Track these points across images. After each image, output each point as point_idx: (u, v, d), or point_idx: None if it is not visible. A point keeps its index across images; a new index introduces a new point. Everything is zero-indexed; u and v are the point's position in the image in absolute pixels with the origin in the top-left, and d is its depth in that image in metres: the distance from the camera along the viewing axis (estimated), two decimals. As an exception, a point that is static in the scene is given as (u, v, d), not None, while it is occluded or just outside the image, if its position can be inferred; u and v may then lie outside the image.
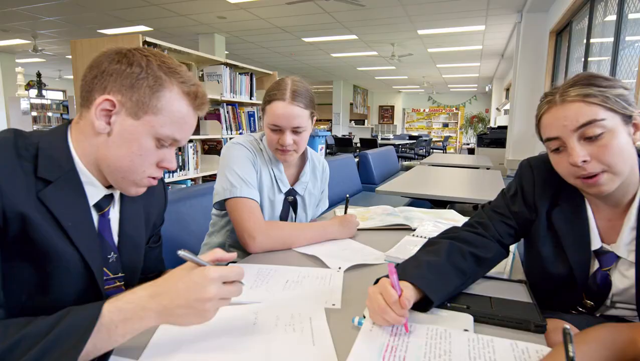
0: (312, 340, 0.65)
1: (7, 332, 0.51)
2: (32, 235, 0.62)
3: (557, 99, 0.79)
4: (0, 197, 0.58)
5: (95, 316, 0.54)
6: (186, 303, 0.58)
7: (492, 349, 0.61)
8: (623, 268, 0.85)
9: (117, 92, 0.66)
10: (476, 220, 0.96)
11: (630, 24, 2.94)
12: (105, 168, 0.70)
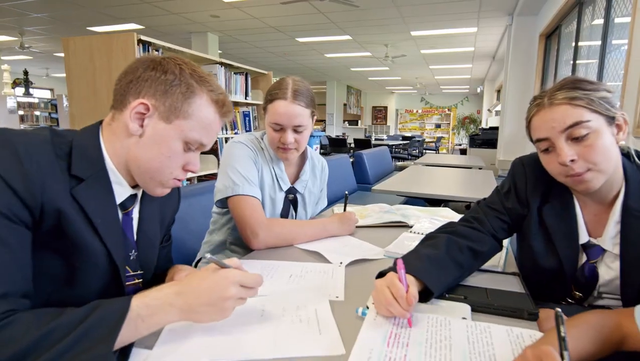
0: (319, 329, 0.69)
1: (42, 321, 0.54)
2: (66, 230, 0.65)
3: (546, 102, 0.83)
4: (42, 193, 0.61)
5: (125, 310, 0.57)
6: (208, 301, 0.63)
7: (489, 335, 0.64)
8: (609, 260, 0.90)
9: (152, 96, 0.70)
10: (472, 215, 1.01)
11: (616, 27, 3.02)
12: (135, 168, 0.73)
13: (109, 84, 2.69)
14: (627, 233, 0.86)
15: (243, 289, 0.66)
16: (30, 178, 0.60)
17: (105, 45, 2.65)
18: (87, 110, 2.77)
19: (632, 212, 0.85)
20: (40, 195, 0.61)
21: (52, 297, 0.65)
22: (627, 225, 0.86)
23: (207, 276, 0.66)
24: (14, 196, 0.59)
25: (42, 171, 0.62)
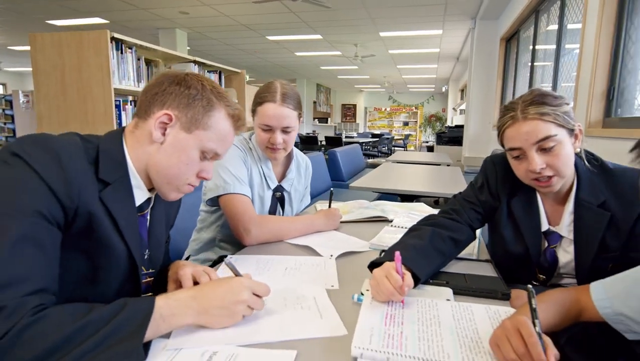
0: (320, 315, 0.76)
1: (74, 316, 0.57)
2: (94, 231, 0.69)
3: (519, 116, 0.94)
4: (78, 197, 0.66)
5: (151, 310, 0.61)
6: (222, 304, 0.68)
7: (471, 312, 0.74)
8: (565, 245, 1.03)
9: (175, 108, 0.76)
10: (450, 207, 1.11)
11: (569, 33, 3.25)
12: (155, 173, 0.78)
13: (79, 82, 2.62)
14: (579, 221, 1.00)
15: (254, 297, 0.72)
16: (70, 182, 0.64)
17: (76, 42, 2.58)
18: (55, 108, 2.69)
19: (583, 203, 0.99)
20: (77, 198, 0.65)
21: (74, 294, 0.69)
22: (578, 214, 1.00)
23: (222, 282, 0.72)
24: (54, 198, 0.63)
25: (79, 176, 0.66)
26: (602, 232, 0.97)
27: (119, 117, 2.70)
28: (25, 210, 0.60)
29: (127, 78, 2.82)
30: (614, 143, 1.89)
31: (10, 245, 0.57)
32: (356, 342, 0.62)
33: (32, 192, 0.62)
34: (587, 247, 0.99)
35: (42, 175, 0.62)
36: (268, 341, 0.66)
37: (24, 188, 0.61)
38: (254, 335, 0.67)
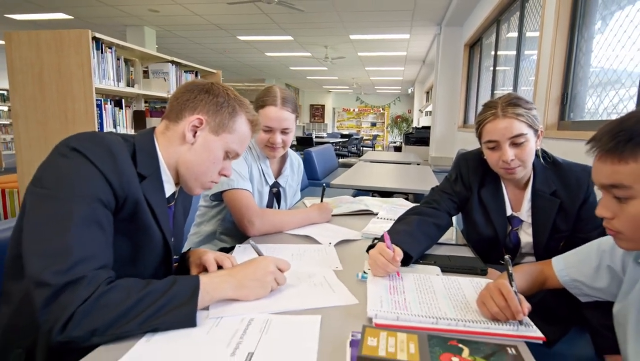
0: (332, 289, 0.88)
1: (138, 287, 0.67)
2: (138, 217, 0.78)
3: (500, 113, 1.12)
4: (128, 187, 0.75)
5: (198, 284, 0.71)
6: (254, 277, 0.79)
7: (458, 283, 0.89)
8: (525, 228, 1.24)
9: (205, 113, 0.86)
10: (431, 198, 1.28)
11: (528, 40, 3.55)
12: (185, 170, 0.88)
13: (59, 82, 2.60)
14: (535, 207, 1.21)
15: (278, 271, 0.83)
16: (121, 174, 0.73)
17: (55, 42, 2.56)
18: (33, 108, 2.64)
19: (538, 192, 1.20)
20: (127, 188, 0.74)
21: (117, 273, 0.78)
22: (535, 201, 1.21)
23: (251, 261, 0.83)
24: (108, 187, 0.72)
25: (127, 168, 0.75)
26: (553, 216, 1.18)
27: (100, 117, 2.70)
28: (87, 197, 0.69)
29: (107, 77, 2.81)
30: (567, 143, 2.13)
31: (82, 225, 0.66)
32: (370, 306, 0.75)
33: (91, 181, 0.71)
34: (542, 228, 1.20)
35: (99, 166, 0.71)
36: (294, 309, 0.77)
37: (84, 178, 0.70)
38: (282, 305, 0.79)
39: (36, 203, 0.69)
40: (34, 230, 0.67)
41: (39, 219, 0.67)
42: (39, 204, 0.69)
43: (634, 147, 0.63)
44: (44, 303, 0.62)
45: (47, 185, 0.70)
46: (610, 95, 2.14)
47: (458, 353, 0.60)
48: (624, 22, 2.03)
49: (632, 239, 0.68)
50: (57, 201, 0.68)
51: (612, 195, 0.68)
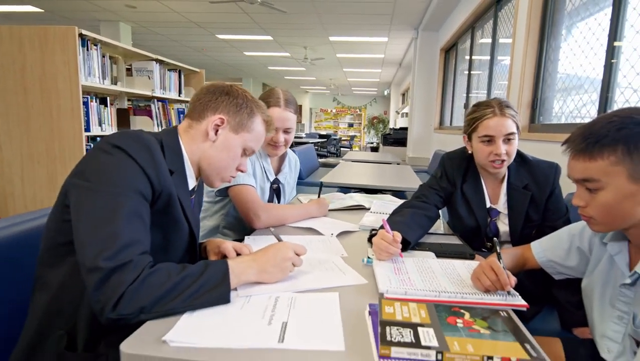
0: (343, 272, 0.98)
1: (177, 270, 0.75)
2: (170, 210, 0.85)
3: (498, 112, 1.27)
4: (163, 181, 0.82)
5: (227, 268, 0.79)
6: (275, 262, 0.87)
7: (453, 265, 1.01)
8: (502, 218, 1.40)
9: (226, 113, 0.95)
10: (420, 193, 1.42)
11: (500, 46, 3.77)
12: (207, 165, 0.95)
13: (42, 78, 2.57)
14: (510, 200, 1.37)
15: (295, 255, 0.91)
16: (158, 169, 0.81)
17: (39, 38, 2.54)
18: (14, 104, 2.61)
19: (513, 186, 1.36)
20: (163, 182, 0.82)
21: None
22: (510, 195, 1.37)
23: (271, 247, 0.91)
24: (147, 182, 0.79)
25: (162, 164, 0.83)
26: (526, 207, 1.35)
27: (86, 114, 2.69)
28: (130, 190, 0.76)
29: (93, 75, 2.80)
30: (537, 144, 2.32)
31: (126, 216, 0.73)
32: (381, 284, 0.86)
33: (133, 176, 0.78)
34: (517, 218, 1.36)
35: (139, 162, 0.79)
36: (314, 288, 0.87)
37: (127, 173, 0.77)
38: (303, 284, 0.88)
39: (84, 196, 0.75)
40: (86, 220, 0.73)
41: (89, 211, 0.73)
42: (87, 197, 0.75)
43: (601, 147, 0.76)
44: (97, 286, 0.69)
45: (92, 180, 0.76)
46: (575, 100, 2.35)
47: (461, 316, 0.71)
48: (586, 32, 2.24)
49: (602, 223, 0.81)
50: (103, 194, 0.74)
51: (584, 187, 0.81)
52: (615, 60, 1.92)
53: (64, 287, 0.81)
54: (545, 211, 1.35)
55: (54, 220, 0.83)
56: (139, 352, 0.62)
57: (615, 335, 0.85)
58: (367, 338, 0.68)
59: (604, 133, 0.77)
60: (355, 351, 0.64)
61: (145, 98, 3.63)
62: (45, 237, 0.85)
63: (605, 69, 1.96)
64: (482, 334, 0.66)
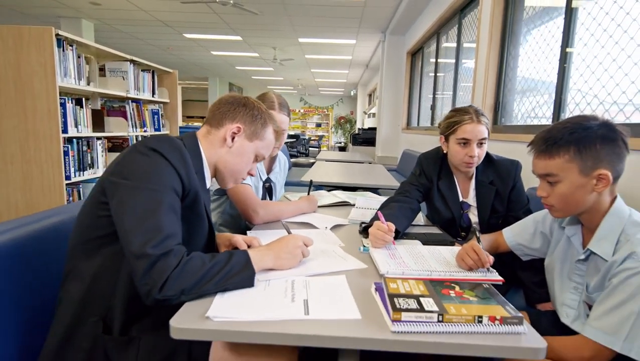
0: (344, 259, 1.10)
1: (207, 259, 0.84)
2: (195, 206, 0.95)
3: (475, 119, 1.43)
4: (193, 181, 0.92)
5: (248, 256, 0.90)
6: (288, 250, 0.99)
7: (438, 250, 1.16)
8: (472, 210, 1.58)
9: (242, 122, 1.05)
10: (403, 189, 1.57)
11: (465, 50, 4.02)
12: (222, 168, 1.05)
13: (17, 79, 2.52)
14: (479, 194, 1.55)
15: (304, 245, 1.03)
16: (188, 170, 0.90)
17: (14, 38, 2.49)
18: (-14, 105, 2.53)
19: (480, 182, 1.54)
20: (191, 182, 0.92)
21: None
22: (478, 190, 1.55)
23: (283, 238, 1.02)
24: (180, 180, 0.88)
25: (190, 166, 0.92)
26: (492, 200, 1.53)
27: (64, 115, 2.65)
28: (166, 187, 0.85)
29: (69, 76, 2.77)
30: (500, 144, 2.55)
31: (165, 210, 0.83)
32: (381, 266, 0.99)
33: (168, 175, 0.87)
34: (484, 210, 1.54)
35: (173, 164, 0.88)
36: (322, 272, 0.99)
37: (163, 172, 0.86)
38: (313, 269, 1.00)
39: (127, 193, 0.83)
40: (130, 214, 0.81)
41: (133, 206, 0.82)
42: (129, 194, 0.83)
43: (557, 148, 0.94)
44: (145, 271, 0.77)
45: (133, 178, 0.84)
46: (531, 102, 2.60)
47: (452, 288, 0.86)
48: (539, 39, 2.49)
49: (560, 210, 0.99)
50: (145, 191, 0.83)
51: (546, 181, 0.98)
52: (567, 65, 2.15)
53: (97, 277, 0.89)
54: (508, 203, 1.54)
55: (88, 215, 0.90)
56: (187, 326, 0.72)
57: (572, 302, 1.03)
58: (378, 309, 0.81)
59: (559, 137, 0.94)
60: (370, 318, 0.77)
61: (119, 99, 3.59)
62: (78, 231, 0.91)
63: (559, 73, 2.19)
64: (472, 300, 0.80)
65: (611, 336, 0.84)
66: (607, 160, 0.92)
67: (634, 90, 1.66)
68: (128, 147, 0.92)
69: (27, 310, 0.95)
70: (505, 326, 0.73)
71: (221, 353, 0.90)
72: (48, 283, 1.00)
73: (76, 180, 2.84)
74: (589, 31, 1.99)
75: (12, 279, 0.91)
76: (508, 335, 0.73)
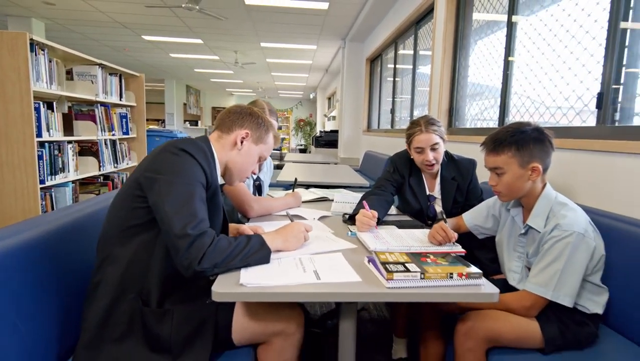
0: (336, 242, 1.31)
1: (231, 240, 1.02)
2: (215, 198, 1.12)
3: (424, 129, 1.67)
4: (214, 177, 1.10)
5: (263, 238, 1.08)
6: (293, 234, 1.18)
7: (412, 232, 1.40)
8: (437, 202, 1.84)
9: (249, 129, 1.22)
10: (379, 184, 1.80)
11: (421, 57, 4.38)
12: (232, 168, 1.22)
13: (-11, 84, 2.49)
14: (443, 188, 1.81)
15: (305, 231, 1.22)
16: (210, 167, 1.07)
17: (-14, 42, 2.47)
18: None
19: (444, 178, 1.80)
20: (213, 177, 1.09)
21: None
22: (442, 184, 1.81)
23: (288, 225, 1.22)
24: (204, 176, 1.05)
25: (212, 163, 1.09)
26: (454, 193, 1.80)
27: (38, 120, 2.65)
28: (196, 181, 1.02)
29: (41, 80, 2.76)
30: (455, 145, 2.87)
31: (197, 200, 0.99)
32: (370, 245, 1.21)
33: (197, 171, 1.03)
34: (447, 201, 1.81)
35: (200, 162, 1.04)
36: (322, 251, 1.19)
37: (192, 169, 1.03)
38: (314, 249, 1.20)
39: (164, 186, 0.98)
40: (170, 203, 0.97)
41: (173, 196, 0.98)
42: (167, 187, 0.98)
43: (502, 147, 1.21)
44: (186, 248, 0.94)
45: (167, 174, 1.00)
46: (479, 105, 2.95)
47: (428, 257, 1.09)
48: (484, 48, 2.84)
49: (506, 195, 1.26)
50: (180, 185, 0.99)
51: (495, 173, 1.25)
52: (509, 72, 2.49)
53: (133, 261, 1.04)
54: (467, 194, 1.82)
55: (123, 208, 1.04)
56: (227, 290, 0.90)
57: (517, 268, 1.31)
58: (372, 274, 1.03)
59: (503, 139, 1.21)
60: (368, 280, 0.99)
61: (87, 103, 3.57)
62: (113, 222, 1.06)
63: (503, 79, 2.52)
64: (444, 264, 1.04)
65: (544, 288, 1.11)
66: (538, 156, 1.20)
67: (562, 97, 2.01)
68: (158, 149, 1.07)
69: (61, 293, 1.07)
70: (470, 280, 0.98)
71: (242, 319, 1.08)
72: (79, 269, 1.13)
73: (50, 185, 2.83)
74: (522, 43, 2.35)
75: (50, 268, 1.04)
76: (471, 286, 0.97)
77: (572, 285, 1.10)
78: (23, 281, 0.94)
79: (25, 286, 0.95)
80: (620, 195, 1.43)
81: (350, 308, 1.06)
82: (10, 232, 0.99)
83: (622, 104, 1.62)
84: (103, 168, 3.59)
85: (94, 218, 1.28)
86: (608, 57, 1.62)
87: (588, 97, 1.82)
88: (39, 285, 0.99)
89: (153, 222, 1.02)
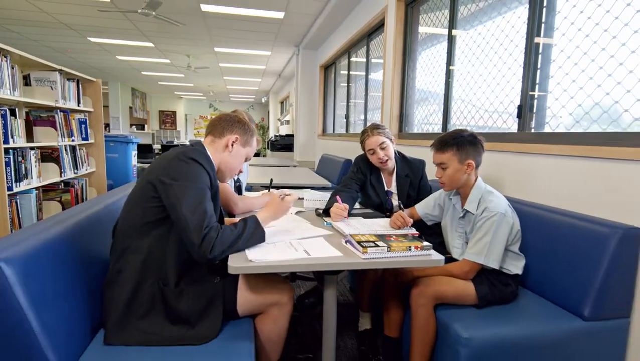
0: (315, 230, 1.58)
1: (232, 228, 1.23)
2: (216, 197, 1.32)
3: (370, 134, 1.99)
4: (215, 179, 1.31)
5: (257, 218, 1.31)
6: (276, 203, 1.43)
7: (376, 221, 1.70)
8: (394, 196, 2.16)
9: (238, 134, 1.43)
10: (345, 182, 2.09)
11: (373, 65, 4.75)
12: (224, 168, 1.43)
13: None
14: (398, 185, 2.14)
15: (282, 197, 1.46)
16: (212, 171, 1.29)
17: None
18: None
19: (399, 175, 2.13)
20: (215, 179, 1.31)
21: None
22: (398, 181, 2.14)
23: (268, 201, 1.46)
24: (209, 180, 1.26)
25: (213, 167, 1.31)
26: (407, 188, 2.13)
27: (4, 127, 2.65)
28: (204, 185, 1.23)
29: (4, 87, 2.76)
30: (405, 147, 3.25)
31: (206, 200, 1.21)
32: (345, 230, 1.50)
33: (204, 176, 1.25)
34: (402, 195, 2.14)
35: (206, 169, 1.26)
36: (306, 236, 1.45)
37: (201, 174, 1.24)
38: (299, 234, 1.45)
39: (179, 189, 1.18)
40: (185, 203, 1.16)
41: (187, 197, 1.18)
42: (182, 190, 1.18)
43: (447, 147, 1.54)
44: (201, 240, 1.14)
45: (180, 179, 1.20)
46: (424, 110, 3.36)
47: (391, 237, 1.40)
48: (428, 58, 3.25)
49: (449, 185, 1.60)
50: (192, 188, 1.20)
51: (441, 168, 1.59)
52: (450, 80, 2.87)
53: (152, 250, 1.23)
54: (418, 190, 2.17)
55: (139, 207, 1.23)
56: (241, 265, 1.13)
57: (459, 244, 1.66)
58: (350, 251, 1.31)
59: (447, 141, 1.55)
60: (348, 255, 1.27)
61: (47, 109, 3.54)
62: (130, 218, 1.24)
63: (446, 86, 2.89)
64: (404, 241, 1.35)
65: (478, 255, 1.46)
66: (472, 155, 1.55)
67: (498, 101, 2.43)
68: (170, 156, 1.26)
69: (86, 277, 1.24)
70: (423, 251, 1.29)
71: (245, 293, 1.32)
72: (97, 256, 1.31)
73: (16, 191, 2.82)
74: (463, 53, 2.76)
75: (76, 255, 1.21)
76: (424, 255, 1.29)
77: (498, 252, 1.46)
78: (58, 266, 1.11)
79: (57, 272, 1.11)
80: (536, 187, 1.84)
81: (331, 280, 1.33)
82: (39, 229, 1.15)
83: (535, 115, 2.04)
84: (64, 174, 3.58)
85: (108, 212, 1.46)
86: (525, 73, 2.04)
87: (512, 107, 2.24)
88: (70, 270, 1.16)
89: (166, 218, 1.22)
